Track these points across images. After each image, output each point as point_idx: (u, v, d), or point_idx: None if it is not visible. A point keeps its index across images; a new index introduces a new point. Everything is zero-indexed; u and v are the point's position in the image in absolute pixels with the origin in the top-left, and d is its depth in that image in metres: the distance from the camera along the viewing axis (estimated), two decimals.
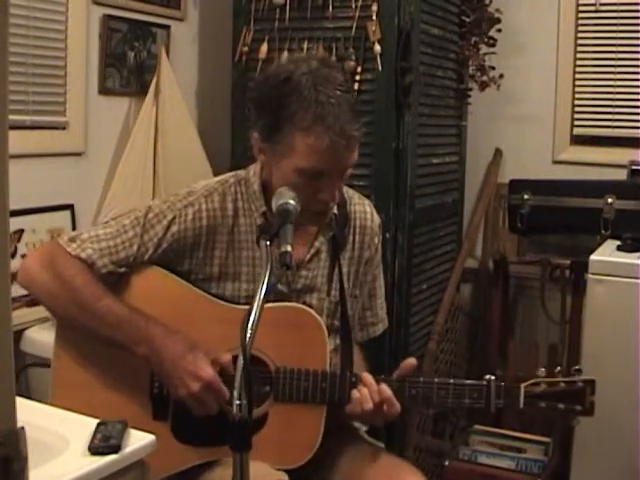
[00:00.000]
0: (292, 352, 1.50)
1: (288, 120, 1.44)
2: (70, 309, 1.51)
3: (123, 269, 1.55)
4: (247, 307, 1.52)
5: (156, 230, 1.54)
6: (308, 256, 1.58)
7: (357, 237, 1.67)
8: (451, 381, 1.50)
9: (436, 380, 1.51)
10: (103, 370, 1.54)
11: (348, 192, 1.69)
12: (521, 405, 1.49)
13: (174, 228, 1.55)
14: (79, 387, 1.52)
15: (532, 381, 1.50)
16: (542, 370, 1.52)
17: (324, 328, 1.52)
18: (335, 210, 1.59)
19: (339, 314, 1.62)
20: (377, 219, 1.72)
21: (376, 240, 1.71)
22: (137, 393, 1.54)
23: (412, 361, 1.52)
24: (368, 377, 1.50)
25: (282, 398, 1.49)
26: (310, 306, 1.56)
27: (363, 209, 1.70)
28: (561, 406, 1.49)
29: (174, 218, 1.55)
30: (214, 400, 1.46)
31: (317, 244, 1.60)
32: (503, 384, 1.49)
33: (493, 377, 1.50)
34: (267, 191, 1.57)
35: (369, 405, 1.46)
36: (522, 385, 1.49)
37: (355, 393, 1.48)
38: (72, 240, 1.54)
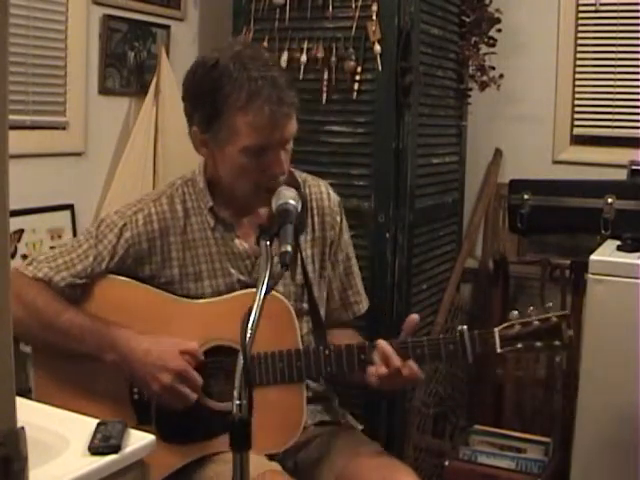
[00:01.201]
0: (264, 338, 1.49)
1: (224, 104, 1.46)
2: (36, 331, 1.53)
3: (83, 280, 1.56)
4: (211, 300, 1.56)
5: (109, 238, 1.57)
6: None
7: (316, 218, 1.68)
8: (424, 338, 1.51)
9: (410, 339, 1.51)
10: (82, 384, 1.56)
11: (301, 175, 1.70)
12: (498, 349, 1.48)
13: (127, 234, 1.57)
14: (61, 404, 1.51)
15: (506, 324, 1.50)
16: (515, 313, 1.51)
17: (292, 310, 1.54)
18: None
19: (306, 297, 1.64)
20: (335, 197, 1.73)
21: (338, 219, 1.71)
22: (118, 401, 1.55)
23: (414, 317, 1.52)
24: (382, 342, 1.49)
25: (260, 382, 1.50)
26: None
27: (318, 190, 1.71)
28: (539, 344, 1.48)
29: (125, 225, 1.57)
30: (189, 389, 1.47)
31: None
32: (476, 332, 1.49)
33: (465, 327, 1.49)
34: (212, 186, 1.60)
35: (384, 370, 1.47)
36: (496, 330, 1.49)
37: (370, 366, 1.49)
38: (29, 264, 1.58)
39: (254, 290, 1.51)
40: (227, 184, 1.56)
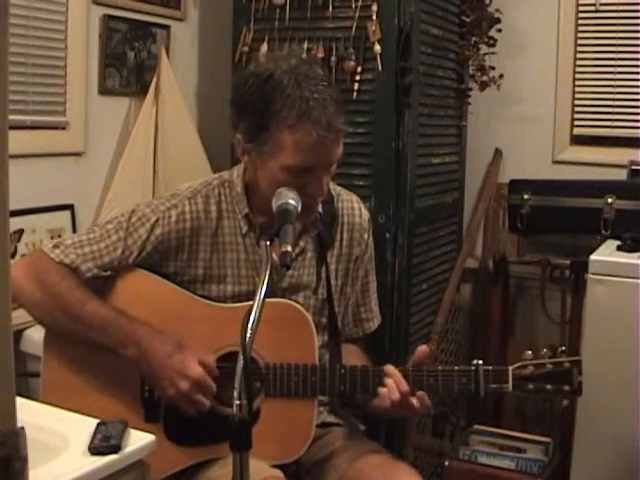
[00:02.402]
0: (281, 348, 1.51)
1: (273, 119, 1.44)
2: (56, 316, 1.52)
3: (108, 273, 1.55)
4: (233, 305, 1.56)
5: (140, 233, 1.55)
6: (293, 255, 1.57)
7: (345, 234, 1.67)
8: (439, 367, 1.51)
9: (425, 368, 1.51)
10: (93, 375, 1.55)
11: (335, 189, 1.69)
12: (510, 388, 1.49)
13: (158, 230, 1.55)
14: (69, 394, 1.51)
15: (519, 364, 1.51)
16: (529, 353, 1.53)
17: (311, 323, 1.54)
18: (320, 209, 1.59)
19: (326, 311, 1.63)
20: (366, 214, 1.72)
21: (366, 236, 1.71)
22: (128, 396, 1.55)
23: (424, 348, 1.53)
24: (391, 368, 1.50)
25: (273, 393, 1.51)
26: None
27: (351, 205, 1.70)
28: (549, 387, 1.51)
29: (157, 220, 1.55)
30: (204, 398, 1.47)
31: (302, 243, 1.60)
32: (491, 368, 1.50)
33: (481, 362, 1.50)
34: (250, 192, 1.58)
35: (396, 396, 1.47)
36: (510, 368, 1.50)
37: (381, 388, 1.48)
38: (55, 247, 1.55)
39: (275, 300, 1.52)
40: (264, 194, 1.53)
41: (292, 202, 1.39)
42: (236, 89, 1.54)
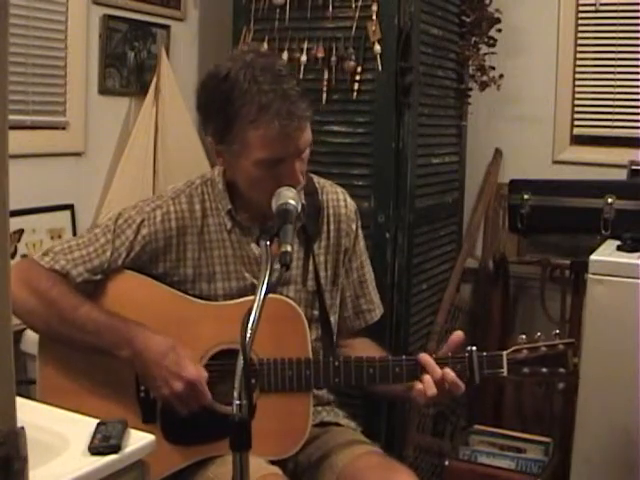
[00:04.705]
0: (274, 343, 1.51)
1: (236, 118, 1.45)
2: (49, 322, 1.52)
3: (98, 276, 1.56)
4: (225, 303, 1.56)
5: (127, 234, 1.56)
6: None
7: (332, 225, 1.67)
8: (433, 355, 1.51)
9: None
10: (89, 379, 1.55)
11: (320, 182, 1.70)
12: (505, 373, 1.49)
13: (144, 231, 1.56)
14: (66, 398, 1.50)
15: (514, 348, 1.51)
16: (523, 337, 1.53)
17: (303, 318, 1.54)
18: (303, 200, 1.59)
19: (317, 304, 1.64)
20: (352, 205, 1.72)
21: (354, 226, 1.71)
22: (124, 398, 1.55)
23: (459, 334, 1.53)
24: (429, 360, 1.50)
25: (268, 389, 1.51)
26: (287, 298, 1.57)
27: (336, 197, 1.70)
28: (545, 370, 1.50)
29: (143, 221, 1.57)
30: (197, 399, 1.47)
31: None
32: (485, 354, 1.50)
33: (474, 348, 1.50)
34: (232, 189, 1.60)
35: (433, 391, 1.47)
36: (504, 353, 1.50)
37: (417, 384, 1.49)
38: (45, 254, 1.56)
39: (268, 296, 1.52)
40: (244, 192, 1.56)
41: (292, 202, 1.40)
42: (198, 94, 1.54)
